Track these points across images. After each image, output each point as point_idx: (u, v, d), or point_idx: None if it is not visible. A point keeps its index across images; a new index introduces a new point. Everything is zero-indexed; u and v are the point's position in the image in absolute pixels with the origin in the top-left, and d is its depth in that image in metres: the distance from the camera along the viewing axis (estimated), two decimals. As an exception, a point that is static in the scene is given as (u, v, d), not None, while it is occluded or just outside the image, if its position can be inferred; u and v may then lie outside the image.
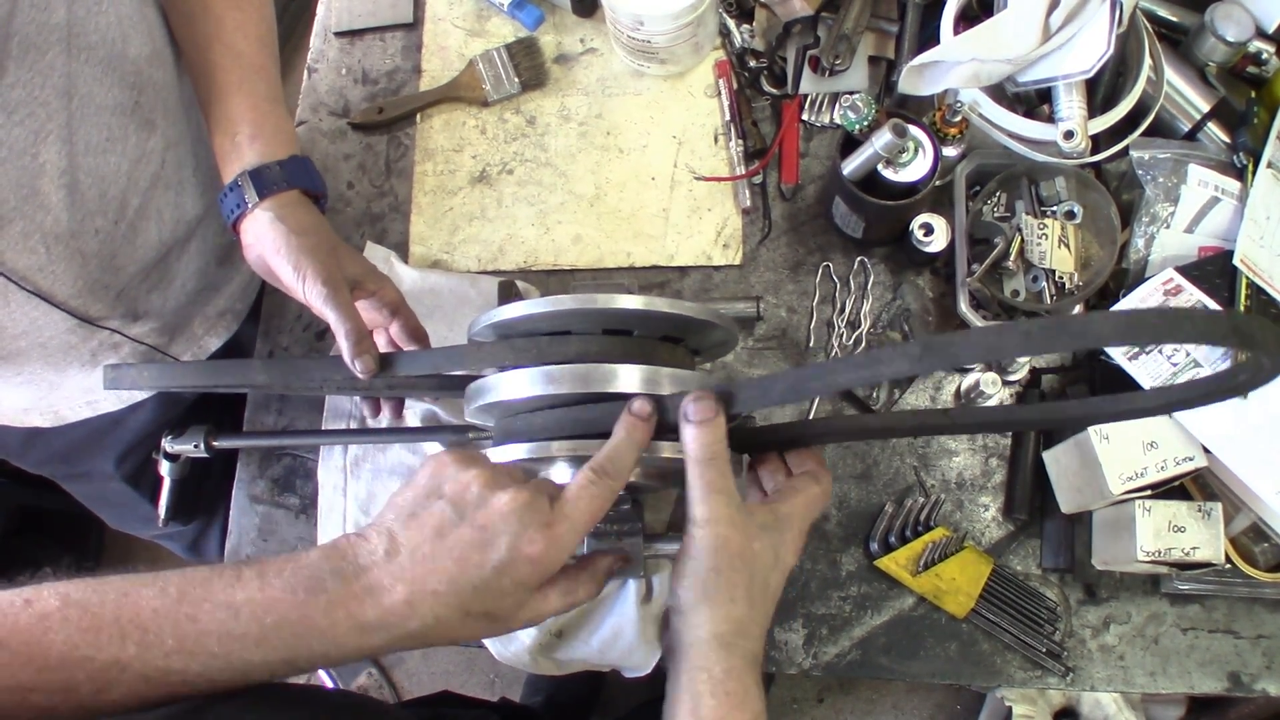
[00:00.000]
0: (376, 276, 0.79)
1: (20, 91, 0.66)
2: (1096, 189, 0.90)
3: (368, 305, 0.79)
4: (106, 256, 0.80)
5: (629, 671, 0.85)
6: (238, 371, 0.75)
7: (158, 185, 0.84)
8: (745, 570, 0.56)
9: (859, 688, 1.75)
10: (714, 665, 0.53)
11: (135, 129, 0.78)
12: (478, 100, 1.06)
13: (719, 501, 0.56)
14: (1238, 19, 0.90)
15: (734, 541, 0.56)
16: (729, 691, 0.53)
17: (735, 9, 1.05)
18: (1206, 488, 0.83)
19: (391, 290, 0.80)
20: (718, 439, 0.57)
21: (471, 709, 1.00)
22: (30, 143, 0.68)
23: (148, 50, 0.78)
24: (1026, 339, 0.47)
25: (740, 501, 0.57)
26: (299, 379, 0.74)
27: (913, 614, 0.87)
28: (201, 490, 1.05)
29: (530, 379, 0.61)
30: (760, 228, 0.99)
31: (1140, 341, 0.70)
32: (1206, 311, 0.54)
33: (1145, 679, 0.84)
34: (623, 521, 0.77)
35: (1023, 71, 0.88)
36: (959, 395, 0.92)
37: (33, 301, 0.77)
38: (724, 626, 0.54)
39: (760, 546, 0.57)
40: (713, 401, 0.57)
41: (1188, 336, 0.46)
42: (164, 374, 0.71)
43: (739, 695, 0.53)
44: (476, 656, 1.80)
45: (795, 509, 0.61)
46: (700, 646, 0.54)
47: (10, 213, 0.70)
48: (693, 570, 0.55)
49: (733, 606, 0.55)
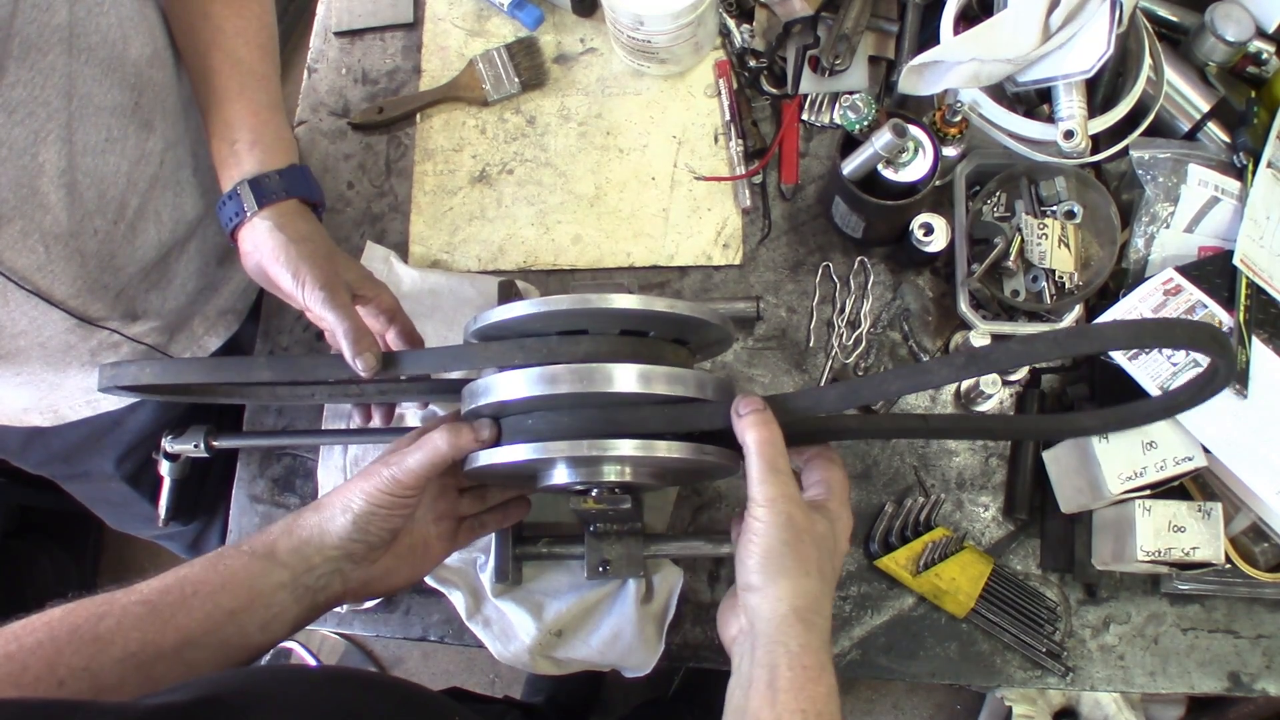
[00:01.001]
0: (373, 283, 0.80)
1: (21, 91, 0.66)
2: (1096, 189, 0.90)
3: (365, 312, 0.79)
4: (106, 256, 0.80)
5: (629, 671, 0.85)
6: (241, 368, 0.74)
7: (157, 186, 0.84)
8: (813, 545, 0.59)
9: (859, 688, 1.75)
10: (791, 640, 0.55)
11: (135, 130, 0.78)
12: (478, 100, 1.06)
13: (782, 480, 0.59)
14: (1238, 19, 0.90)
15: (799, 518, 0.59)
16: (806, 665, 0.55)
17: (735, 9, 1.05)
18: (1206, 488, 0.83)
19: (388, 296, 0.81)
20: (771, 427, 0.61)
21: (490, 704, 1.01)
22: (30, 143, 0.68)
23: (148, 51, 0.78)
24: (1056, 344, 0.56)
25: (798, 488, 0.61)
26: (303, 376, 0.74)
27: (913, 614, 0.87)
28: (202, 490, 1.05)
29: (529, 379, 0.61)
30: (760, 228, 0.99)
31: (1143, 345, 0.77)
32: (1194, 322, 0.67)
33: (1145, 679, 0.84)
34: (623, 521, 0.78)
35: (1023, 71, 0.88)
36: (959, 395, 0.92)
37: (32, 301, 0.77)
38: (801, 600, 0.56)
39: (822, 528, 0.61)
40: (758, 398, 0.62)
41: (1179, 342, 0.58)
42: (164, 370, 0.71)
43: (815, 669, 0.55)
44: (477, 656, 1.80)
45: (840, 497, 0.64)
46: (778, 621, 0.56)
47: (10, 212, 0.70)
48: (763, 548, 0.58)
49: (808, 580, 0.57)
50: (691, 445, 0.63)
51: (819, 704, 0.53)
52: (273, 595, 0.63)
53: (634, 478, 0.66)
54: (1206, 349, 0.57)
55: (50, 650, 0.54)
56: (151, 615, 0.58)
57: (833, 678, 0.56)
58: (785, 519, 0.58)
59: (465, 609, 0.84)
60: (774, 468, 0.59)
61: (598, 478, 0.65)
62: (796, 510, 0.59)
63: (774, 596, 0.57)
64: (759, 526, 0.58)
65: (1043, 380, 0.91)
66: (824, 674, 0.55)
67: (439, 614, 0.90)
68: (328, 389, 0.84)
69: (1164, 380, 0.80)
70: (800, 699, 0.53)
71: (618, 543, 0.79)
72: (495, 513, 0.78)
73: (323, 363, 0.73)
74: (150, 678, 0.57)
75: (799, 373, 0.94)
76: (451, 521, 0.75)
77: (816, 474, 0.67)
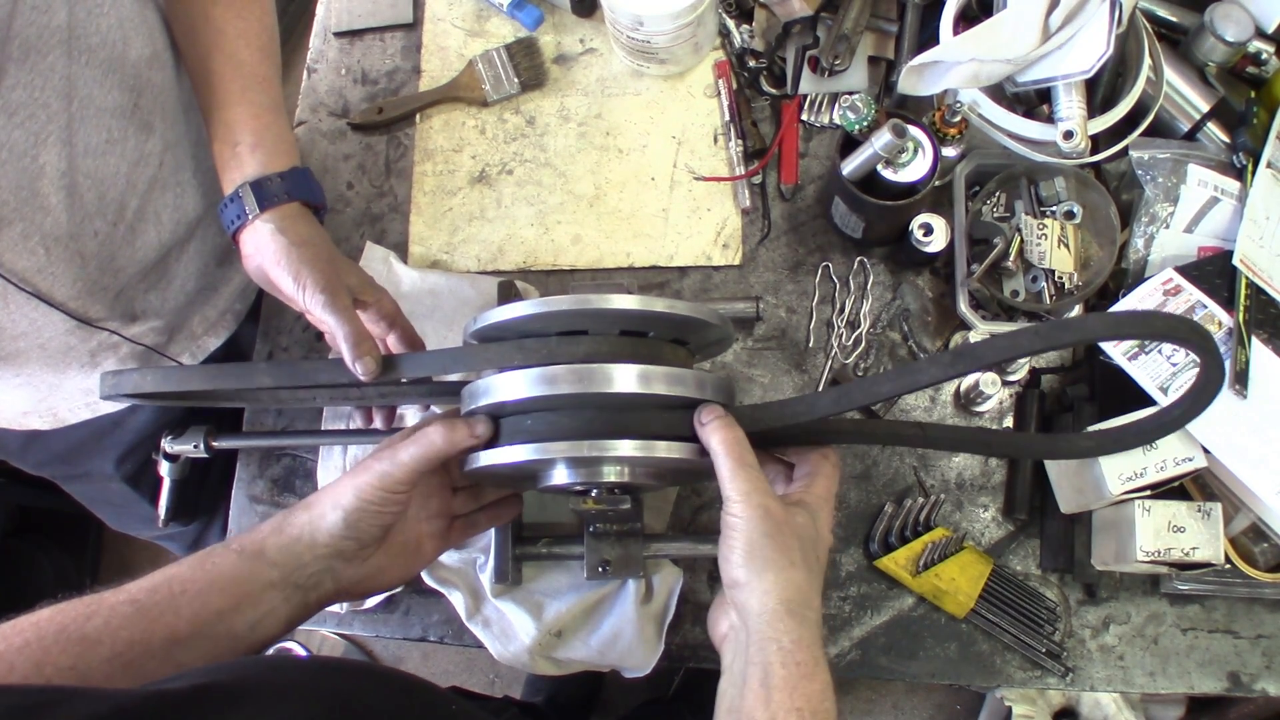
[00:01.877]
0: (374, 288, 0.80)
1: (21, 93, 0.66)
2: (1096, 189, 0.90)
3: (365, 316, 0.79)
4: (106, 258, 0.80)
5: (629, 672, 0.85)
6: (241, 374, 0.74)
7: (156, 187, 0.84)
8: (794, 536, 0.59)
9: (859, 688, 1.75)
10: (783, 635, 0.55)
11: (134, 131, 0.79)
12: (477, 100, 1.06)
13: (753, 475, 0.59)
14: (1237, 19, 0.90)
15: (775, 510, 0.59)
16: (799, 661, 0.54)
17: (735, 9, 1.05)
18: (1206, 488, 0.83)
19: (388, 301, 0.81)
20: (734, 428, 0.61)
21: (488, 701, 1.00)
22: (30, 145, 0.68)
23: (148, 53, 0.78)
24: (1039, 336, 0.58)
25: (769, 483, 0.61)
26: (303, 380, 0.74)
27: (912, 614, 0.87)
28: (201, 491, 1.05)
29: (528, 379, 0.61)
30: (760, 228, 0.99)
31: (1123, 336, 0.78)
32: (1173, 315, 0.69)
33: (1145, 679, 0.84)
34: (622, 521, 0.78)
35: (1022, 71, 0.88)
36: (959, 395, 0.92)
37: (32, 303, 0.77)
38: (789, 592, 0.56)
39: (803, 519, 0.60)
40: (717, 405, 0.63)
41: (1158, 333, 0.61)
42: (165, 378, 0.71)
43: (809, 665, 0.54)
44: (477, 656, 1.80)
45: (819, 491, 0.64)
46: (768, 616, 0.56)
47: (10, 214, 0.70)
48: (744, 541, 0.57)
49: (794, 571, 0.57)
50: (691, 445, 0.63)
51: (814, 702, 0.53)
52: (262, 594, 0.63)
53: (634, 478, 0.66)
54: (1186, 341, 0.58)
55: (37, 650, 0.54)
56: (139, 615, 0.58)
57: (827, 673, 0.55)
58: (762, 511, 0.58)
59: (465, 609, 0.84)
60: (743, 463, 0.59)
61: (597, 478, 0.65)
62: (772, 502, 0.59)
63: (761, 590, 0.56)
64: (737, 521, 0.58)
65: (1042, 380, 0.91)
66: (818, 669, 0.55)
67: (439, 614, 0.90)
68: (329, 392, 0.84)
69: (1163, 380, 0.80)
70: (795, 697, 0.53)
71: (617, 543, 0.79)
72: (487, 511, 0.78)
73: (323, 367, 0.73)
74: (138, 677, 0.56)
75: (799, 373, 0.94)
76: (444, 520, 0.74)
77: (804, 468, 0.67)
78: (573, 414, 0.62)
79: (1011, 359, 0.65)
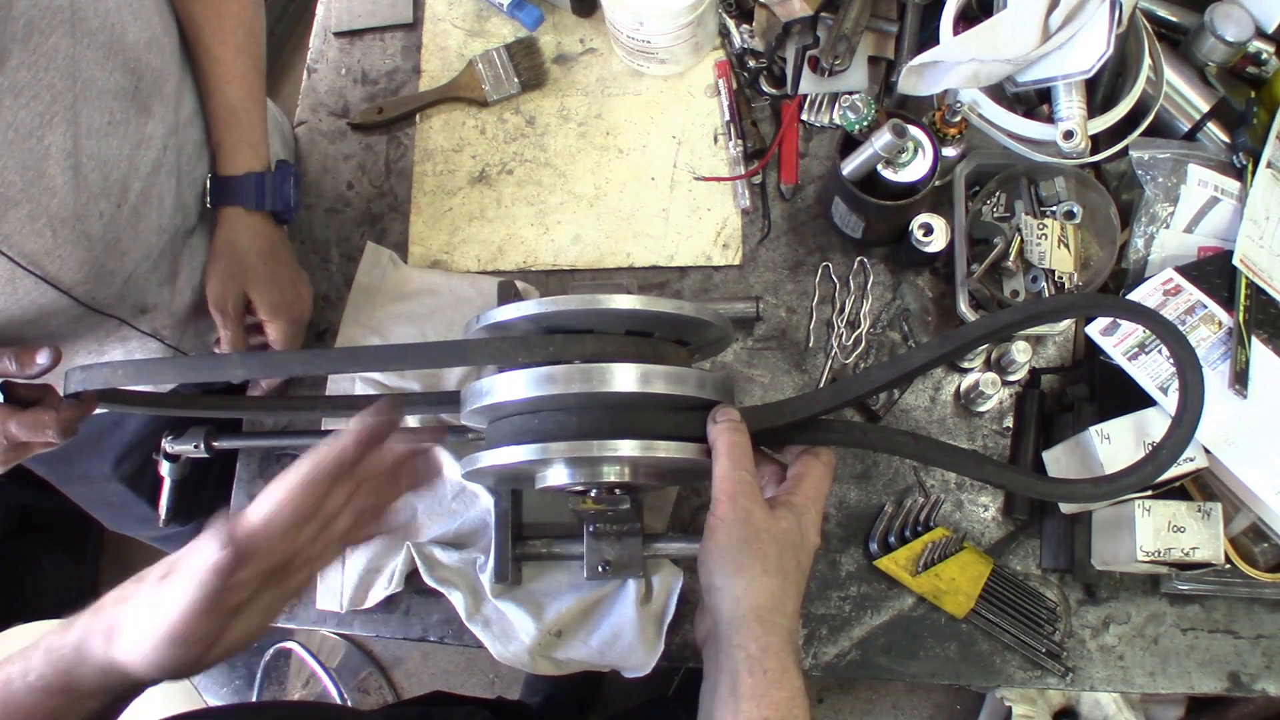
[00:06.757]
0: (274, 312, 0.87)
1: (26, 74, 0.66)
2: (1096, 189, 0.90)
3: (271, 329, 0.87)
4: (111, 241, 0.80)
5: (628, 672, 0.85)
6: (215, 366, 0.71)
7: (159, 171, 0.84)
8: (773, 542, 0.58)
9: (859, 688, 1.75)
10: (750, 643, 0.55)
11: (135, 114, 0.79)
12: (477, 100, 1.06)
13: (742, 479, 0.59)
14: (1237, 19, 0.90)
15: (757, 514, 0.58)
16: (767, 669, 0.54)
17: (735, 9, 1.05)
18: (1206, 488, 0.83)
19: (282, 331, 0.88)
20: (742, 434, 0.62)
21: (462, 705, 1.00)
22: (36, 125, 0.69)
23: (145, 37, 0.79)
24: (1015, 313, 0.65)
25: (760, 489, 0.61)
26: (276, 372, 0.74)
27: (912, 614, 0.87)
28: (201, 491, 1.04)
29: (530, 379, 0.61)
30: (760, 228, 0.99)
31: (1094, 314, 0.84)
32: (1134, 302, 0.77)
33: (1145, 679, 0.84)
34: (622, 521, 0.78)
35: (1022, 71, 0.88)
36: (959, 396, 0.92)
37: (41, 288, 0.76)
38: (761, 599, 0.56)
39: (786, 524, 0.60)
40: (734, 409, 0.63)
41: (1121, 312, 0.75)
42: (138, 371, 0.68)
43: (777, 673, 0.54)
44: (476, 657, 1.80)
45: (808, 492, 0.63)
46: (738, 623, 0.55)
47: (18, 195, 0.70)
48: (721, 545, 0.57)
49: (766, 578, 0.57)
50: (691, 445, 0.63)
51: (782, 710, 0.53)
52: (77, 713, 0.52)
53: (633, 478, 0.66)
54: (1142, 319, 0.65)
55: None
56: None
57: (797, 679, 0.55)
58: (744, 515, 0.58)
59: (465, 609, 0.84)
60: (738, 466, 0.60)
61: (597, 478, 0.65)
62: (756, 507, 0.59)
63: (733, 596, 0.56)
64: (718, 524, 0.58)
65: (1042, 380, 0.91)
66: (786, 677, 0.54)
67: (439, 614, 0.90)
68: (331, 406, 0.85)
69: (1163, 380, 0.80)
70: (763, 706, 0.52)
71: (617, 543, 0.79)
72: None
73: (296, 359, 0.73)
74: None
75: (798, 373, 0.94)
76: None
77: (795, 468, 0.67)
78: (572, 414, 0.62)
79: (995, 332, 0.67)
